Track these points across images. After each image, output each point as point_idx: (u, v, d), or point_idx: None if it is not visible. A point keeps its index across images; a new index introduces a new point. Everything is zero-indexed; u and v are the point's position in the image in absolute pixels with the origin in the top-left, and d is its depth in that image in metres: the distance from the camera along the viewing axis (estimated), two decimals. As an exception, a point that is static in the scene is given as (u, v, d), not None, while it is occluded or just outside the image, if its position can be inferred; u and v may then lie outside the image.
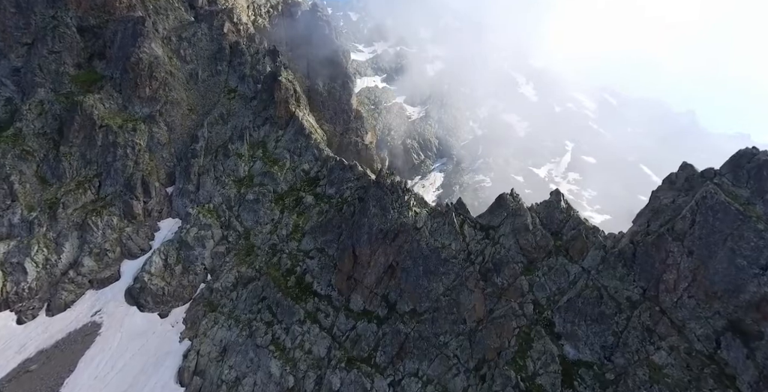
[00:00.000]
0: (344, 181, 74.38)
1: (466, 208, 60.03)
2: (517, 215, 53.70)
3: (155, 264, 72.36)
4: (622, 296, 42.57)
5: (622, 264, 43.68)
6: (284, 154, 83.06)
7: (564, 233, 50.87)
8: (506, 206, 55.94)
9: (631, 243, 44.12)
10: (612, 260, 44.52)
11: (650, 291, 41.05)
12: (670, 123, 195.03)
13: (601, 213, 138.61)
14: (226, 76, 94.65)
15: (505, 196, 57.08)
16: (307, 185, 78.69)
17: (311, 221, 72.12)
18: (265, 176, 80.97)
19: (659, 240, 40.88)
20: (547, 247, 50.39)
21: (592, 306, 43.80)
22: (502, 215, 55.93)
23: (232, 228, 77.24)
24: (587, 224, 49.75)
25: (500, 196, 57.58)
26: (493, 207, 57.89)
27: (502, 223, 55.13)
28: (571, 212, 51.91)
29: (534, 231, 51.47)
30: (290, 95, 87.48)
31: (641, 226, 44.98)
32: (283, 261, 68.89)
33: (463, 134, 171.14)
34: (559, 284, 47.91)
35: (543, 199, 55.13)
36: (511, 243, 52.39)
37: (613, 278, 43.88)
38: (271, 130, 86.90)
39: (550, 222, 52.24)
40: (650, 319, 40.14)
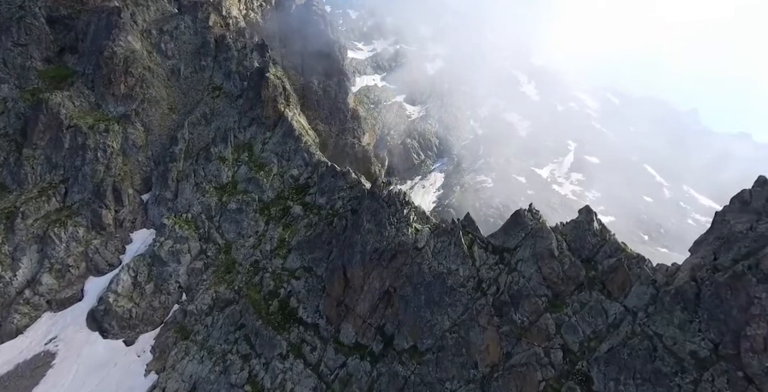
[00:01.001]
0: (336, 189, 63.20)
1: (475, 225, 48.81)
2: (538, 236, 42.44)
3: (123, 283, 61.36)
4: (683, 350, 31.27)
5: (682, 308, 32.42)
6: (271, 158, 71.88)
7: (598, 261, 39.52)
8: (524, 225, 44.74)
9: (692, 280, 32.74)
10: (667, 301, 33.22)
11: (726, 347, 29.79)
12: (674, 122, 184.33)
13: (606, 215, 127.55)
14: (210, 73, 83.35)
15: (523, 213, 45.85)
16: (295, 193, 67.57)
17: (298, 235, 61.01)
18: (250, 182, 69.81)
19: (737, 280, 29.57)
20: (577, 278, 39.12)
21: (642, 360, 32.53)
22: (520, 235, 44.69)
23: (211, 240, 66.16)
24: (629, 251, 38.25)
25: (516, 212, 46.35)
26: (509, 225, 46.62)
27: (519, 246, 43.89)
28: (607, 235, 40.51)
29: (561, 259, 40.17)
30: (279, 93, 76.23)
31: (705, 259, 33.46)
32: (266, 282, 57.81)
33: (464, 133, 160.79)
34: (596, 326, 36.69)
35: (570, 218, 43.61)
36: (532, 272, 41.16)
37: (669, 325, 32.62)
38: (258, 131, 75.64)
39: (579, 247, 40.87)
40: (729, 387, 28.78)
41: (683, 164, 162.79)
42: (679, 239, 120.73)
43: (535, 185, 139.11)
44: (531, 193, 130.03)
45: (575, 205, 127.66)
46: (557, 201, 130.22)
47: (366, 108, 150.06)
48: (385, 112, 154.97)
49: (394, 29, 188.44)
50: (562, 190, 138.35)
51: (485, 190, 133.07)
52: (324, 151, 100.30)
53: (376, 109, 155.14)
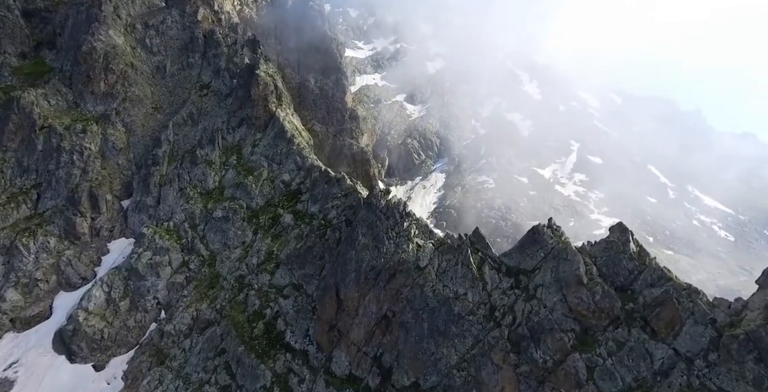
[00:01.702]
0: (329, 197, 55.62)
1: (485, 242, 41.15)
2: (561, 258, 34.86)
3: (95, 299, 53.85)
4: (761, 416, 23.45)
5: (755, 358, 24.83)
6: (261, 161, 64.32)
7: (636, 290, 31.94)
8: (543, 243, 37.15)
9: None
10: (734, 348, 25.82)
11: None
12: (677, 122, 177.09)
13: (609, 216, 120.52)
14: (199, 70, 75.72)
15: (541, 229, 38.23)
16: (286, 200, 60.06)
17: (288, 247, 53.46)
18: (238, 188, 62.23)
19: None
20: (611, 311, 31.65)
21: (704, 424, 24.78)
22: (538, 255, 37.10)
23: (194, 252, 58.63)
24: (676, 280, 30.54)
25: (534, 228, 38.76)
26: (525, 243, 39.02)
27: (538, 268, 36.35)
28: (646, 259, 32.87)
29: (590, 286, 32.61)
30: (270, 92, 68.61)
31: (782, 297, 25.78)
32: (251, 300, 50.28)
33: (465, 133, 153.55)
34: (638, 372, 29.31)
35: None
36: (555, 301, 33.69)
37: (740, 380, 25.30)
38: (248, 132, 68.05)
39: (613, 273, 33.27)
40: None
41: (687, 164, 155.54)
42: (684, 241, 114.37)
43: (538, 186, 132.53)
44: (533, 193, 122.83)
45: (578, 206, 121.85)
46: (560, 202, 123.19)
47: (366, 107, 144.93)
48: (385, 112, 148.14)
49: (394, 28, 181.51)
50: (564, 191, 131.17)
51: (486, 191, 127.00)
52: (321, 153, 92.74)
53: (376, 108, 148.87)
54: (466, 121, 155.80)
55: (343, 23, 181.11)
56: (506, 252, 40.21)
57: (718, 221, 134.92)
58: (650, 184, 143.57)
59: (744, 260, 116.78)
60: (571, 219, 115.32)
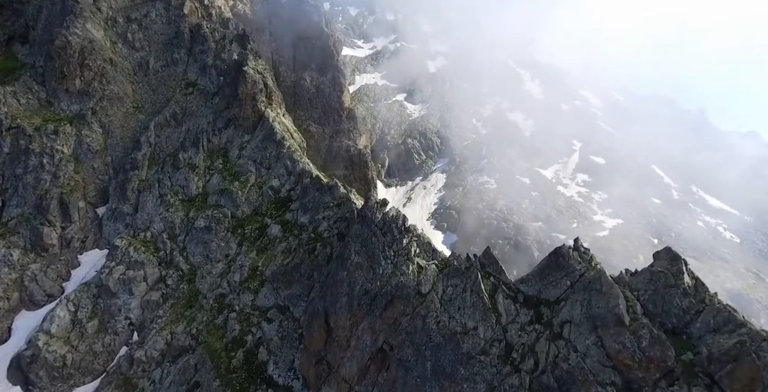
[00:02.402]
0: (321, 206, 48.27)
1: (498, 265, 33.90)
2: (593, 290, 27.63)
3: (59, 320, 46.61)
4: None
5: None
6: (249, 165, 57.04)
7: (693, 335, 24.62)
8: (569, 269, 29.86)
9: None
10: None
11: None
12: (681, 121, 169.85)
13: (613, 218, 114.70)
14: (184, 67, 68.33)
15: (566, 252, 30.86)
16: (274, 208, 52.86)
17: (274, 263, 46.15)
18: (223, 195, 54.94)
19: None
20: (664, 362, 24.40)
21: None
22: (563, 284, 29.82)
23: (173, 265, 51.42)
24: (752, 327, 23.05)
25: (557, 250, 31.39)
26: (546, 267, 31.66)
27: (564, 299, 29.10)
28: (706, 296, 25.46)
29: (635, 329, 25.44)
30: (259, 90, 61.25)
31: None
32: (230, 324, 43.02)
33: (466, 133, 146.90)
34: (702, 448, 21.53)
35: (645, 266, 28.47)
36: (589, 344, 26.47)
37: None
38: (235, 134, 60.72)
39: (663, 312, 26.03)
40: None
41: (691, 164, 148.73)
42: (690, 243, 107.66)
43: (540, 186, 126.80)
44: (535, 194, 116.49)
45: (581, 208, 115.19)
46: (563, 203, 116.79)
47: (365, 106, 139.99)
48: (385, 111, 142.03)
49: (394, 26, 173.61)
50: (567, 192, 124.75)
51: (488, 192, 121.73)
52: (317, 155, 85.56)
53: (376, 107, 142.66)
54: (467, 120, 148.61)
55: (342, 21, 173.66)
56: (523, 277, 32.85)
57: (723, 222, 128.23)
58: (654, 185, 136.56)
59: (750, 262, 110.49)
60: (574, 221, 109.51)
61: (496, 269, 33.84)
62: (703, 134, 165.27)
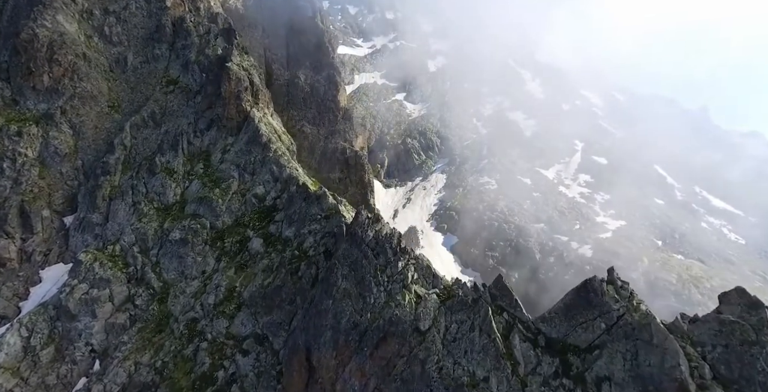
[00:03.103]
0: (307, 218, 41.24)
1: (512, 297, 27.11)
2: (640, 339, 20.63)
3: (9, 348, 39.76)
4: None
5: None
6: (231, 171, 50.07)
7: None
8: (602, 307, 22.96)
9: None
10: None
11: None
12: (683, 121, 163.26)
13: (616, 219, 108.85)
14: (166, 63, 61.30)
15: (597, 286, 23.99)
16: (257, 219, 45.87)
17: (254, 283, 39.14)
18: (202, 203, 47.99)
19: None
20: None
21: None
22: (596, 327, 23.05)
23: (144, 283, 44.43)
24: None
25: (587, 284, 24.65)
26: (573, 303, 24.71)
27: (599, 346, 22.29)
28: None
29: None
30: (243, 88, 54.24)
31: None
32: (200, 357, 36.07)
33: (467, 133, 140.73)
34: None
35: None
36: (636, 415, 18.87)
37: None
38: (218, 136, 53.70)
39: (741, 378, 19.08)
40: None
41: (694, 164, 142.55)
42: (694, 245, 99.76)
43: (541, 187, 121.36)
44: (537, 195, 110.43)
45: (584, 209, 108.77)
46: (565, 204, 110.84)
47: (364, 106, 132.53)
48: (385, 111, 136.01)
49: (394, 25, 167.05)
50: (569, 192, 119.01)
51: (488, 193, 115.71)
52: (311, 157, 78.51)
53: (375, 107, 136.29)
54: (468, 120, 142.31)
55: (341, 20, 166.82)
56: (545, 315, 25.91)
57: (728, 223, 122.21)
58: (657, 185, 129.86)
59: (756, 264, 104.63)
60: (576, 223, 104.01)
61: (510, 302, 26.94)
62: (704, 134, 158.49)
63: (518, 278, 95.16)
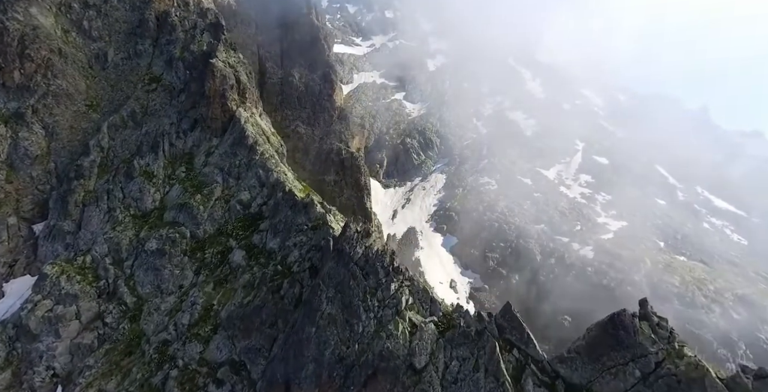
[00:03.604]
0: (293, 229, 36.50)
1: (524, 330, 22.40)
2: None
3: (-37, 373, 34.49)
4: None
5: None
6: (214, 175, 45.27)
7: None
8: (636, 350, 17.78)
9: None
10: None
11: None
12: (683, 120, 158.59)
13: (618, 220, 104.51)
14: (149, 60, 56.35)
15: (628, 322, 19.03)
16: (241, 228, 41.13)
17: (233, 301, 34.39)
18: (182, 210, 43.17)
19: None
20: None
21: None
22: (630, 374, 18.27)
23: (116, 298, 39.71)
24: None
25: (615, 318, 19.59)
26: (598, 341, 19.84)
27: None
28: None
29: None
30: (229, 86, 49.40)
31: None
32: (169, 386, 31.64)
33: (467, 133, 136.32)
34: None
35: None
36: None
37: None
38: (202, 137, 48.92)
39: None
40: None
41: (695, 164, 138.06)
42: (697, 246, 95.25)
43: (542, 187, 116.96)
44: (537, 195, 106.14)
45: (585, 209, 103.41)
46: (565, 204, 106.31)
47: (363, 105, 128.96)
48: (384, 110, 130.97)
49: (393, 24, 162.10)
50: (570, 193, 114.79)
51: (489, 193, 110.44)
52: (305, 158, 73.81)
53: (374, 106, 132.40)
54: (468, 119, 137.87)
55: (340, 19, 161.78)
56: (564, 355, 21.14)
57: (730, 224, 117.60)
58: (658, 185, 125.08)
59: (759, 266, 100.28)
60: (577, 223, 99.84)
61: (521, 336, 22.16)
62: (706, 134, 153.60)
63: (518, 280, 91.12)
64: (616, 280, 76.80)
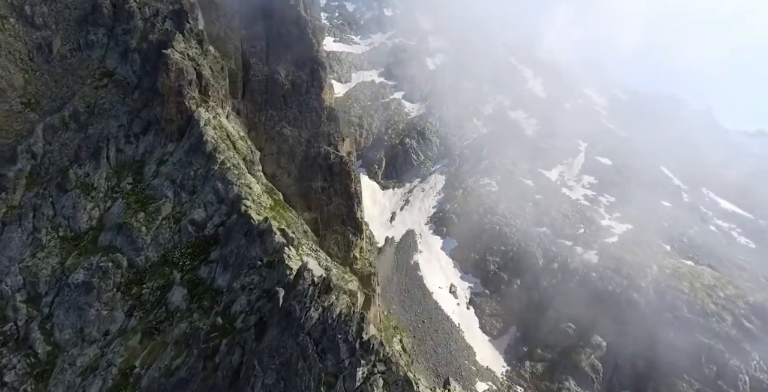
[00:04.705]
0: (245, 263, 26.46)
1: None
2: None
3: None
4: None
5: None
6: (164, 188, 34.83)
7: None
8: None
9: None
10: None
11: None
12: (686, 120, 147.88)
13: (622, 222, 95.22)
14: (103, 51, 46.12)
15: None
16: (190, 255, 31.19)
17: (159, 362, 24.17)
18: (121, 232, 33.15)
19: None
20: None
21: None
22: None
23: (25, 347, 29.43)
24: None
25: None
26: None
27: None
28: None
29: None
30: (186, 82, 39.21)
31: None
32: None
33: (467, 133, 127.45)
34: None
35: None
36: None
37: None
38: (157, 143, 38.81)
39: None
40: None
41: (700, 165, 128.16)
42: (704, 249, 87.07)
43: (544, 189, 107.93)
44: (539, 197, 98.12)
45: (588, 212, 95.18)
46: (568, 207, 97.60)
47: (362, 105, 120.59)
48: (383, 110, 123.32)
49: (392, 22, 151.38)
50: (573, 195, 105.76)
51: (489, 195, 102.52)
52: (291, 163, 63.41)
53: (373, 106, 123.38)
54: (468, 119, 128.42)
55: (338, 17, 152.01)
56: None
57: (737, 226, 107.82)
58: (663, 187, 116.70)
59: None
60: (580, 226, 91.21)
61: None
62: (709, 133, 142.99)
63: (520, 285, 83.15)
64: (621, 286, 70.11)
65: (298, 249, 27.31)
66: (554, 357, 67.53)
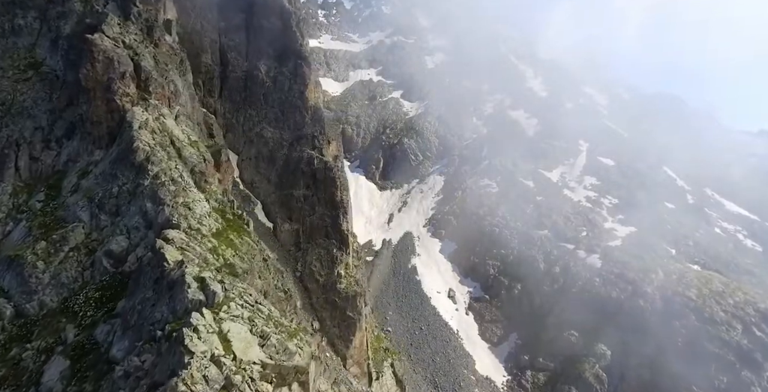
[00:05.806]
0: (144, 329, 16.60)
1: None
2: None
3: None
4: None
5: None
6: (78, 208, 25.02)
7: None
8: None
9: None
10: None
11: None
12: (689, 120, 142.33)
13: (625, 225, 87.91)
14: (33, 39, 36.08)
15: None
16: (97, 302, 21.89)
17: None
18: (11, 268, 23.05)
19: None
20: None
21: None
22: None
23: None
24: None
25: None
26: None
27: None
28: None
29: None
30: (119, 75, 29.37)
31: None
32: None
33: (466, 133, 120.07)
34: None
35: None
36: None
37: None
38: (83, 149, 28.84)
39: None
40: None
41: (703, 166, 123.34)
42: (710, 253, 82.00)
43: (545, 190, 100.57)
44: (540, 199, 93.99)
45: (590, 214, 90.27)
46: (570, 208, 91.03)
47: (359, 104, 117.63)
48: (381, 109, 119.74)
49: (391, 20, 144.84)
50: (574, 196, 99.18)
51: (489, 196, 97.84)
52: (271, 168, 54.46)
53: (371, 105, 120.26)
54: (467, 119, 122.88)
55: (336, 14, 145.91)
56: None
57: (743, 229, 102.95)
58: (667, 188, 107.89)
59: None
60: (583, 229, 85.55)
61: None
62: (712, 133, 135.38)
63: (521, 290, 75.49)
64: (626, 293, 66.50)
65: (220, 311, 17.61)
66: (557, 366, 62.73)
